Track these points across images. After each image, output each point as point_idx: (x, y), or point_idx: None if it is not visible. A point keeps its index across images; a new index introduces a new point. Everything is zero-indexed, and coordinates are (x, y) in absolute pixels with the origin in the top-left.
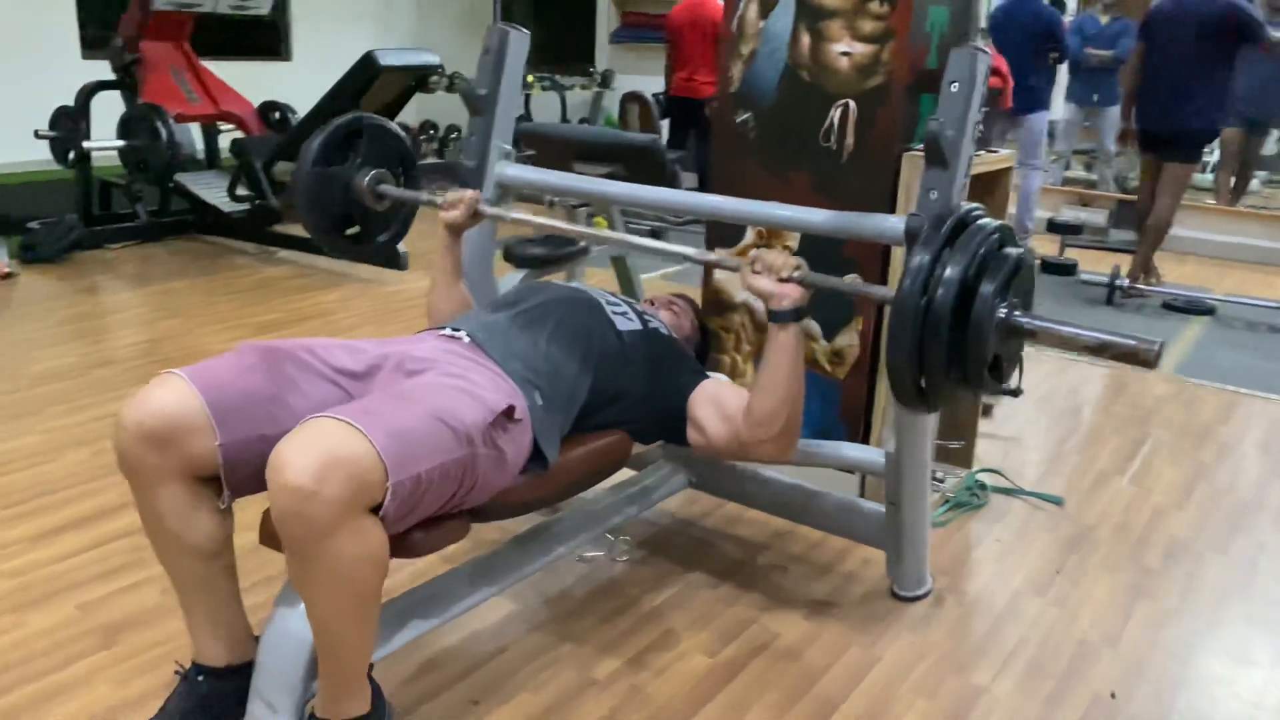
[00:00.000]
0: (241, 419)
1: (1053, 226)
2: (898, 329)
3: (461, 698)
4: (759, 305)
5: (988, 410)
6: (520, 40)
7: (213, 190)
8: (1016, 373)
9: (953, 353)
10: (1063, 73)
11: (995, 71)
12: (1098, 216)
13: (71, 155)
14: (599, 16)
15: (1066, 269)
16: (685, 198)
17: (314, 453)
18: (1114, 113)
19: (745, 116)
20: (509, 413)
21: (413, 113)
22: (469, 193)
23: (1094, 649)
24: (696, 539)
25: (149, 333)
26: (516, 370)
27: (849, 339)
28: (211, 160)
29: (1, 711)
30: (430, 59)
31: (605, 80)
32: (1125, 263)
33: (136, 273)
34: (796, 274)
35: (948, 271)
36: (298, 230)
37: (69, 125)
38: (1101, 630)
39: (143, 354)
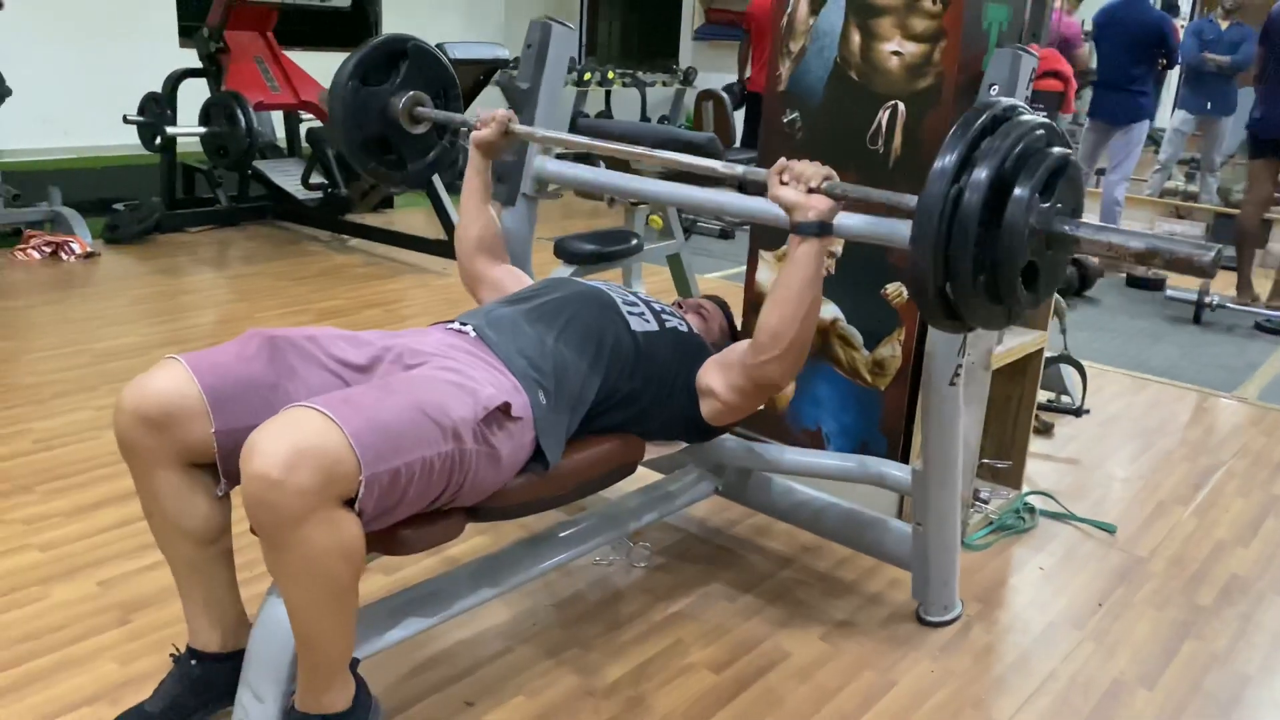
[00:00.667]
0: (238, 406)
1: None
2: (921, 233)
3: (456, 698)
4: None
5: (1047, 430)
6: (564, 36)
7: (290, 177)
8: (1080, 390)
9: (981, 257)
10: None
11: (1055, 74)
12: (1194, 230)
13: (157, 140)
14: (684, 13)
15: (1153, 284)
16: (721, 197)
17: (285, 442)
18: (1227, 123)
19: (793, 116)
20: (505, 409)
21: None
22: (501, 111)
23: (1128, 689)
24: (720, 548)
25: (215, 315)
26: (520, 367)
27: (891, 349)
28: (292, 148)
29: (12, 681)
30: (500, 53)
31: (687, 77)
32: (1219, 280)
33: (212, 256)
34: (825, 184)
35: (978, 167)
36: (369, 220)
37: (156, 111)
38: (1139, 669)
39: (205, 335)
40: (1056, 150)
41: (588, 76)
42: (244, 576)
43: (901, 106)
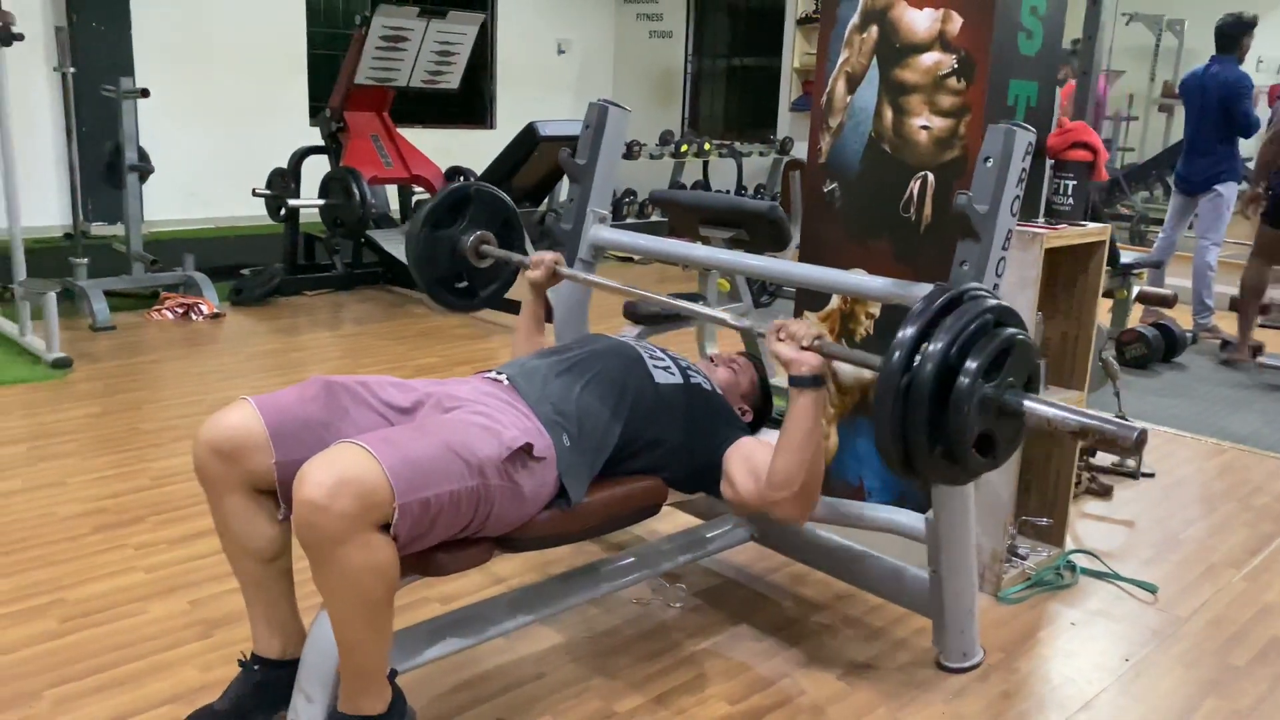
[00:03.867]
0: (296, 442)
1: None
2: (881, 402)
3: (488, 714)
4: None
5: (1106, 491)
6: (619, 117)
7: (401, 246)
8: (1140, 454)
9: (935, 429)
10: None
11: (1084, 145)
12: None
13: (281, 211)
14: (782, 85)
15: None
16: (762, 262)
17: (330, 472)
18: None
19: (832, 186)
20: (528, 450)
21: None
22: (549, 255)
23: None
24: (755, 593)
25: (322, 370)
26: (546, 413)
27: None
28: (404, 218)
29: (111, 680)
30: None
31: (784, 147)
32: None
33: (326, 317)
34: (816, 343)
35: (931, 347)
36: None
37: (281, 185)
38: None
39: None
40: (1006, 330)
41: (685, 148)
42: (304, 605)
43: (931, 177)
